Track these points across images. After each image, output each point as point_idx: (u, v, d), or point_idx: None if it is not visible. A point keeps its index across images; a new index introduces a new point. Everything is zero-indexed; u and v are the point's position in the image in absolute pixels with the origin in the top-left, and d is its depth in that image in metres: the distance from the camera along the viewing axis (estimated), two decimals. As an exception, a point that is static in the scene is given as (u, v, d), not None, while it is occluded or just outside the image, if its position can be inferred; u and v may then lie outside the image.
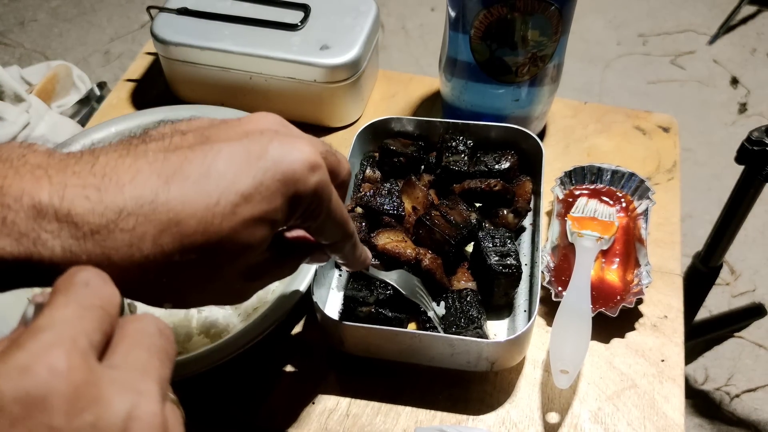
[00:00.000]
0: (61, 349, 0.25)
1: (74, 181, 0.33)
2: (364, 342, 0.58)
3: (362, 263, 0.49)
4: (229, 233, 0.35)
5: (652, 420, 0.58)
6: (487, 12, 0.64)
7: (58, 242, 0.32)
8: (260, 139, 0.36)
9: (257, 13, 0.79)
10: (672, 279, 0.68)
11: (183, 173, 0.34)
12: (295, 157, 0.36)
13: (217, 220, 0.34)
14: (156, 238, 0.33)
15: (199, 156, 0.35)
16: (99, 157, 0.34)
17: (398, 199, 0.66)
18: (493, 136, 0.70)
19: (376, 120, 0.71)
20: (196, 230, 0.34)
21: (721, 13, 2.12)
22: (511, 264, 0.60)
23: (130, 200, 0.33)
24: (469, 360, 0.57)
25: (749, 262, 1.59)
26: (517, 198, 0.68)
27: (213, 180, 0.34)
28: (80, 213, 0.32)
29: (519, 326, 0.61)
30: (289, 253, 0.45)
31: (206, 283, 0.37)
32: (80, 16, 2.23)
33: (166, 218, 0.33)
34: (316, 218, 0.39)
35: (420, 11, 2.21)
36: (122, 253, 0.33)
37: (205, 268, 0.36)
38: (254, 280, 0.42)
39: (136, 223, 0.33)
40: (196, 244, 0.34)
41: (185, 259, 0.34)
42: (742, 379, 1.41)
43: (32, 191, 0.32)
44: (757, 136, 0.81)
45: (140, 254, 0.33)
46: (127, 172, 0.33)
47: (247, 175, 0.35)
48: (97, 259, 0.33)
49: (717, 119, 1.90)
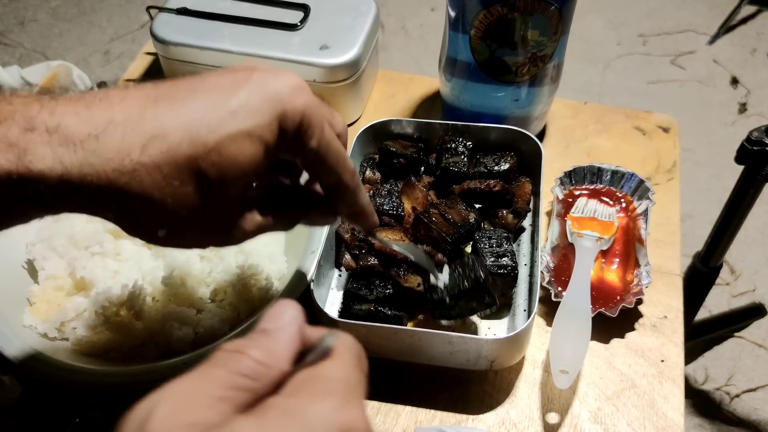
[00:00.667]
0: (361, 410, 0.27)
1: (64, 102, 0.34)
2: (364, 341, 0.58)
3: (369, 217, 0.48)
4: (216, 145, 0.35)
5: (651, 420, 0.58)
6: (487, 12, 0.64)
7: (49, 150, 0.33)
8: (245, 71, 0.38)
9: (257, 13, 0.79)
10: (672, 279, 0.68)
11: (170, 95, 0.36)
12: (280, 81, 0.38)
13: (203, 131, 0.35)
14: (144, 147, 0.34)
15: (187, 83, 0.37)
16: (89, 91, 0.36)
17: (398, 199, 0.66)
18: (492, 138, 0.70)
19: (376, 122, 0.71)
20: (182, 140, 0.35)
21: (721, 13, 2.12)
22: (506, 264, 0.60)
23: (119, 114, 0.34)
24: (468, 358, 0.57)
25: (749, 262, 1.59)
26: (516, 199, 0.68)
27: (199, 98, 0.36)
28: (70, 125, 0.33)
29: (519, 325, 0.62)
30: (286, 205, 0.45)
31: (198, 205, 0.37)
32: (80, 16, 2.23)
33: (152, 129, 0.34)
34: (308, 143, 0.39)
35: (420, 11, 2.22)
36: (112, 162, 0.34)
37: (195, 184, 0.36)
38: (246, 218, 0.41)
39: (123, 132, 0.34)
40: (184, 154, 0.35)
41: (173, 172, 0.35)
42: (742, 379, 1.41)
43: (23, 110, 0.33)
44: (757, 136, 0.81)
45: (129, 161, 0.34)
46: (117, 95, 0.35)
47: (232, 94, 0.36)
48: (88, 170, 0.33)
49: (717, 119, 1.90)
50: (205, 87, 0.37)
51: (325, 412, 0.26)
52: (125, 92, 0.36)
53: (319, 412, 0.26)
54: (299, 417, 0.25)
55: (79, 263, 0.62)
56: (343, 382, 0.28)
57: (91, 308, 0.60)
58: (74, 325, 0.60)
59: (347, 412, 0.27)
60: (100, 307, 0.60)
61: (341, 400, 0.27)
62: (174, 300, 0.62)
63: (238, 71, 0.38)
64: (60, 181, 0.33)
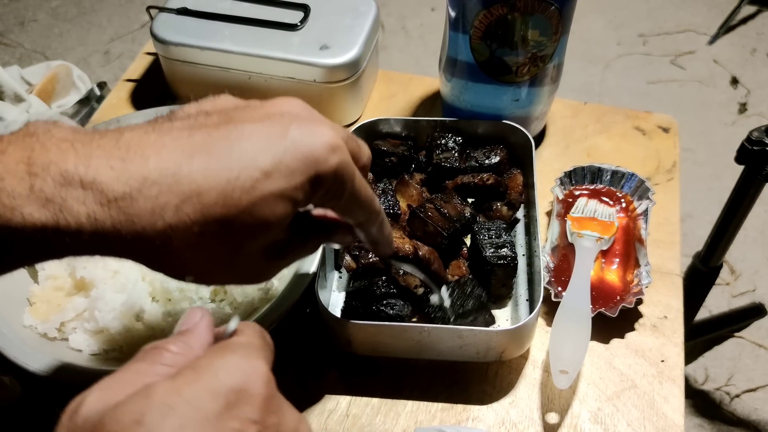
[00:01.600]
0: (263, 361, 0.32)
1: (99, 152, 0.34)
2: (372, 340, 0.58)
3: (390, 244, 0.49)
4: (248, 206, 0.36)
5: (651, 420, 0.58)
6: (487, 12, 0.64)
7: (84, 208, 0.33)
8: (281, 121, 0.38)
9: (257, 13, 0.79)
10: (672, 279, 0.68)
11: (206, 149, 0.36)
12: (316, 140, 0.38)
13: (236, 193, 0.35)
14: (178, 207, 0.34)
15: (223, 134, 0.36)
16: (124, 133, 0.35)
17: (393, 198, 0.67)
18: (481, 132, 0.72)
19: (365, 122, 0.72)
20: (216, 202, 0.35)
21: (721, 13, 2.12)
22: (506, 255, 0.61)
23: (153, 171, 0.34)
24: (478, 350, 0.58)
25: (749, 262, 1.59)
26: (509, 191, 0.69)
27: (234, 156, 0.36)
28: (105, 181, 0.34)
29: (521, 314, 0.63)
30: (311, 231, 0.45)
31: (227, 258, 0.38)
32: (80, 16, 2.23)
33: (188, 189, 0.35)
34: (339, 198, 0.40)
35: (420, 11, 2.21)
36: (145, 220, 0.34)
37: (226, 242, 0.37)
38: (276, 259, 0.42)
39: (159, 192, 0.34)
40: (216, 215, 0.35)
41: (206, 231, 0.35)
42: (742, 379, 1.41)
43: (59, 161, 0.33)
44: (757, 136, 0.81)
45: (162, 222, 0.34)
46: (151, 147, 0.35)
47: (268, 153, 0.36)
48: (121, 226, 0.34)
49: (717, 119, 1.90)
50: (240, 141, 0.36)
51: (227, 362, 0.31)
52: (160, 142, 0.35)
53: (223, 364, 0.31)
54: (205, 370, 0.30)
55: (79, 263, 0.62)
56: (245, 344, 0.33)
57: (91, 308, 0.60)
58: (74, 325, 0.60)
59: (249, 363, 0.31)
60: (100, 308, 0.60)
61: (242, 356, 0.32)
62: (174, 300, 0.62)
63: (275, 119, 0.38)
64: (92, 235, 0.34)
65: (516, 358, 0.61)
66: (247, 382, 0.30)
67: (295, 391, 0.60)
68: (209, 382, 0.30)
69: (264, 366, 0.32)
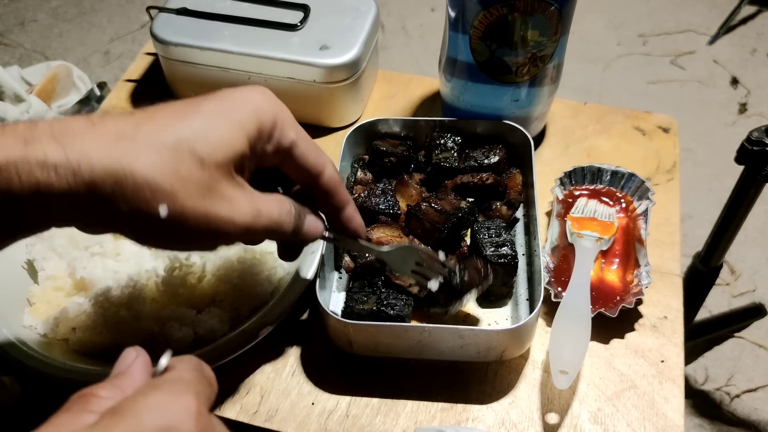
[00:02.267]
0: (191, 396, 0.31)
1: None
2: (373, 341, 0.58)
3: (355, 219, 0.52)
4: (203, 130, 0.42)
5: (651, 420, 0.58)
6: (487, 12, 0.64)
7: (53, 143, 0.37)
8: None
9: (257, 13, 0.79)
10: (672, 279, 0.68)
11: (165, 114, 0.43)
12: (249, 91, 0.46)
13: (186, 126, 0.42)
14: (137, 127, 0.40)
15: (191, 106, 0.44)
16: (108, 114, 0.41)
17: (393, 198, 0.67)
18: (479, 132, 0.72)
19: (364, 122, 0.72)
20: (168, 133, 0.41)
21: (721, 13, 2.12)
22: (506, 254, 0.61)
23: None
24: (479, 350, 0.58)
25: (749, 262, 1.59)
26: (508, 190, 0.69)
27: (187, 118, 0.43)
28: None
29: (522, 313, 0.63)
30: (269, 184, 0.49)
31: (199, 187, 0.41)
32: (80, 17, 2.23)
33: (143, 122, 0.41)
34: (287, 136, 0.46)
35: (420, 11, 2.21)
36: (112, 139, 0.39)
37: (191, 164, 0.40)
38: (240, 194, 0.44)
39: (115, 123, 0.40)
40: (172, 137, 0.41)
41: (167, 152, 0.40)
42: (742, 379, 1.41)
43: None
44: (757, 136, 0.81)
45: (127, 141, 0.39)
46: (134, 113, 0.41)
47: (216, 105, 0.45)
48: (93, 155, 0.37)
49: (717, 119, 1.90)
50: (196, 108, 0.44)
51: (150, 402, 0.30)
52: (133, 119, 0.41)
53: (146, 404, 0.30)
54: (127, 412, 0.29)
55: (79, 263, 0.62)
56: (172, 380, 0.32)
57: (91, 309, 0.60)
58: (74, 325, 0.60)
59: (175, 400, 0.31)
60: (100, 308, 0.60)
61: (168, 393, 0.31)
62: (174, 300, 0.62)
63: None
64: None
65: (516, 359, 0.61)
66: (173, 419, 0.30)
67: (295, 392, 0.60)
68: (131, 425, 0.29)
69: (192, 401, 0.31)
